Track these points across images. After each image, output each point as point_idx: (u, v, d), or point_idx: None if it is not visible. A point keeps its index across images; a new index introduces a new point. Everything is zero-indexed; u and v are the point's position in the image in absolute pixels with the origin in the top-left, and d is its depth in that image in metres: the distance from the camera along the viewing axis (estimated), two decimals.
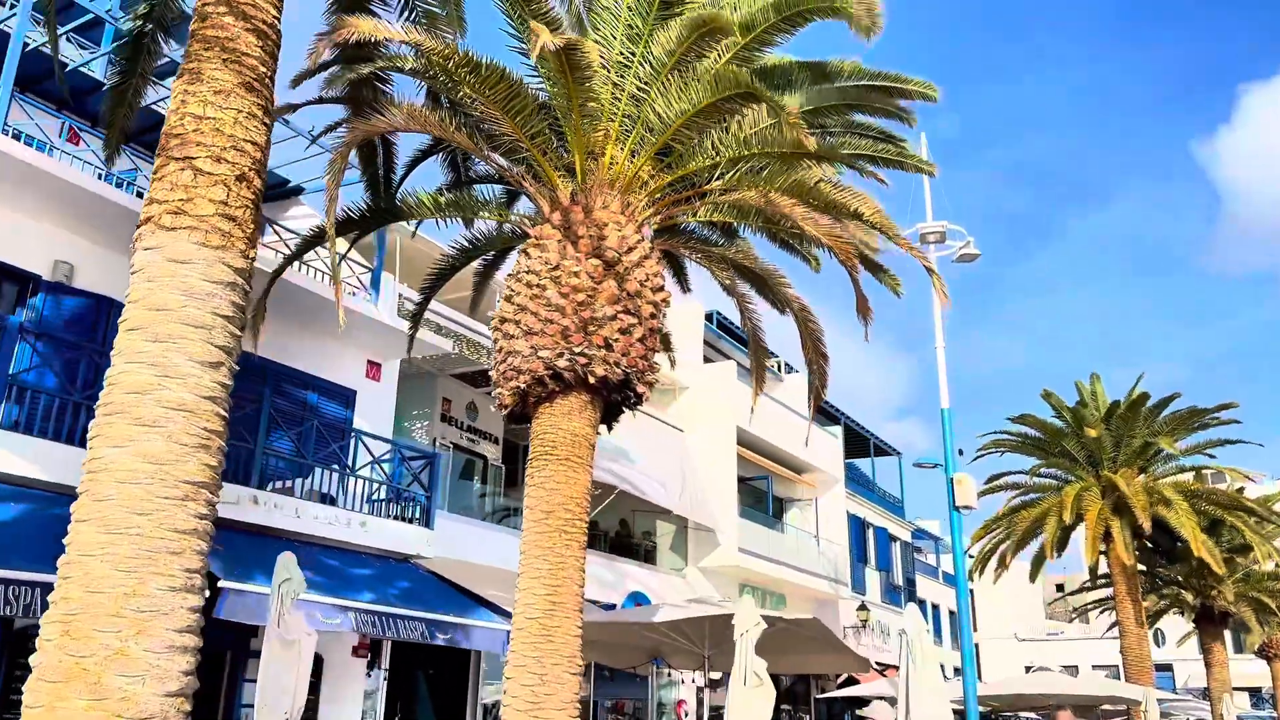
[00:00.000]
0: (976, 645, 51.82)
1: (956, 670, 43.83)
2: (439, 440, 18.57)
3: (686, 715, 18.31)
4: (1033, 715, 27.02)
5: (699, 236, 10.16)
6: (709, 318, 25.75)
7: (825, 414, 30.29)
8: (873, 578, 31.45)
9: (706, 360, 24.15)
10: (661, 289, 8.73)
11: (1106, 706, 23.72)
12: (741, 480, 25.01)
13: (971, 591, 52.77)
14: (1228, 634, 33.32)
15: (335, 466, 13.22)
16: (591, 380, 8.01)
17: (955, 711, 19.98)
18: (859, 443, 34.14)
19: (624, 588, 19.91)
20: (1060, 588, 57.20)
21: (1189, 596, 25.54)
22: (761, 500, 25.19)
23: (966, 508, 15.85)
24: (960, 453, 16.26)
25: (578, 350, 7.97)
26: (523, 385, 8.11)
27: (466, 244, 10.23)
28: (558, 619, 7.64)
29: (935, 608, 43.27)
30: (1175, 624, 39.09)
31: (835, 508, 28.22)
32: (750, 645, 9.79)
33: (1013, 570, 44.02)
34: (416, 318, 10.98)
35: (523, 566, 7.87)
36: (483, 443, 19.96)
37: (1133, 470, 23.16)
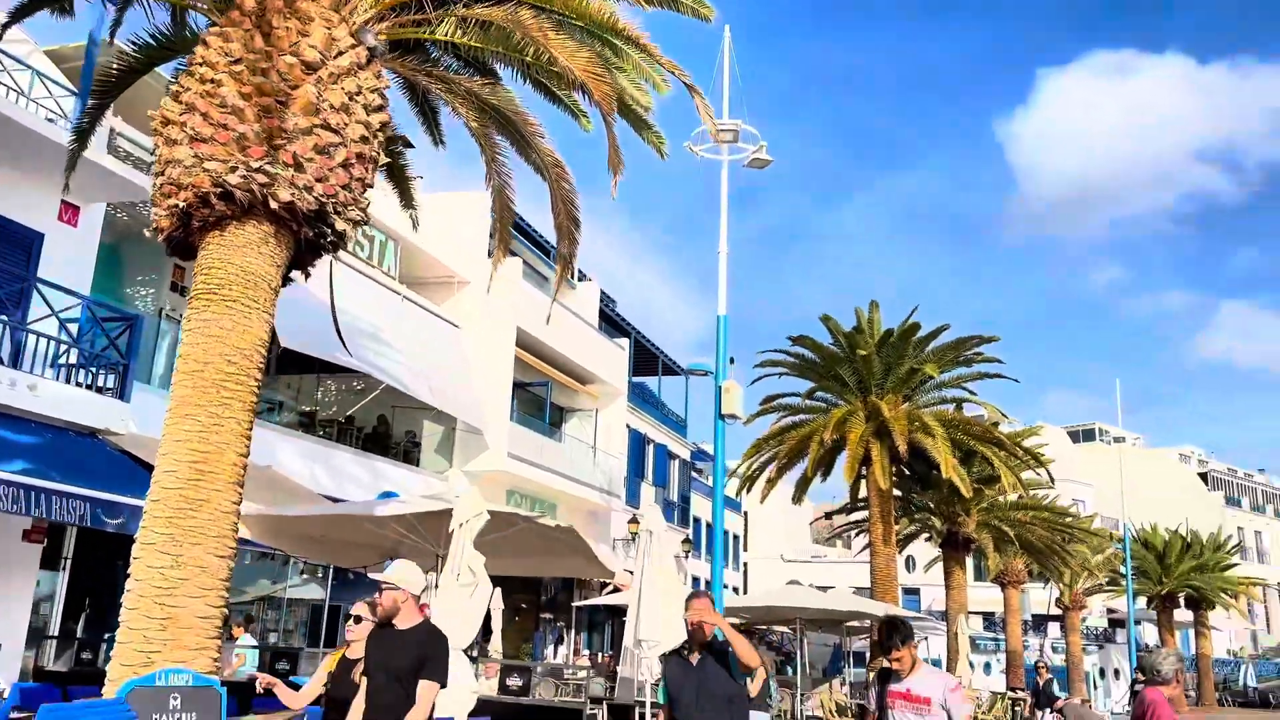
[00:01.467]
0: (745, 564, 53.90)
1: (736, 590, 45.24)
2: (167, 310, 16.33)
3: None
4: (785, 629, 27.92)
5: (446, 66, 8.68)
6: None
7: (615, 326, 29.61)
8: (648, 493, 31.37)
9: (491, 256, 22.67)
10: (381, 110, 7.27)
11: (853, 623, 24.69)
12: (520, 385, 23.94)
13: (745, 514, 54.87)
14: (970, 562, 35.79)
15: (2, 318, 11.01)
16: (274, 206, 6.50)
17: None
18: (648, 360, 33.81)
19: (378, 488, 18.50)
20: (830, 516, 60.44)
21: (937, 522, 26.83)
22: (540, 407, 24.23)
23: (732, 417, 15.43)
24: (732, 361, 15.79)
25: (256, 166, 6.43)
26: (184, 204, 6.50)
27: (151, 39, 8.30)
28: (205, 491, 6.22)
29: (710, 527, 44.31)
30: (926, 551, 41.80)
31: (616, 420, 27.73)
32: (468, 538, 8.73)
33: (785, 495, 45.56)
34: (84, 134, 8.97)
35: (167, 427, 6.38)
36: None
37: (898, 397, 23.76)
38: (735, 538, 48.83)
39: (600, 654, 25.29)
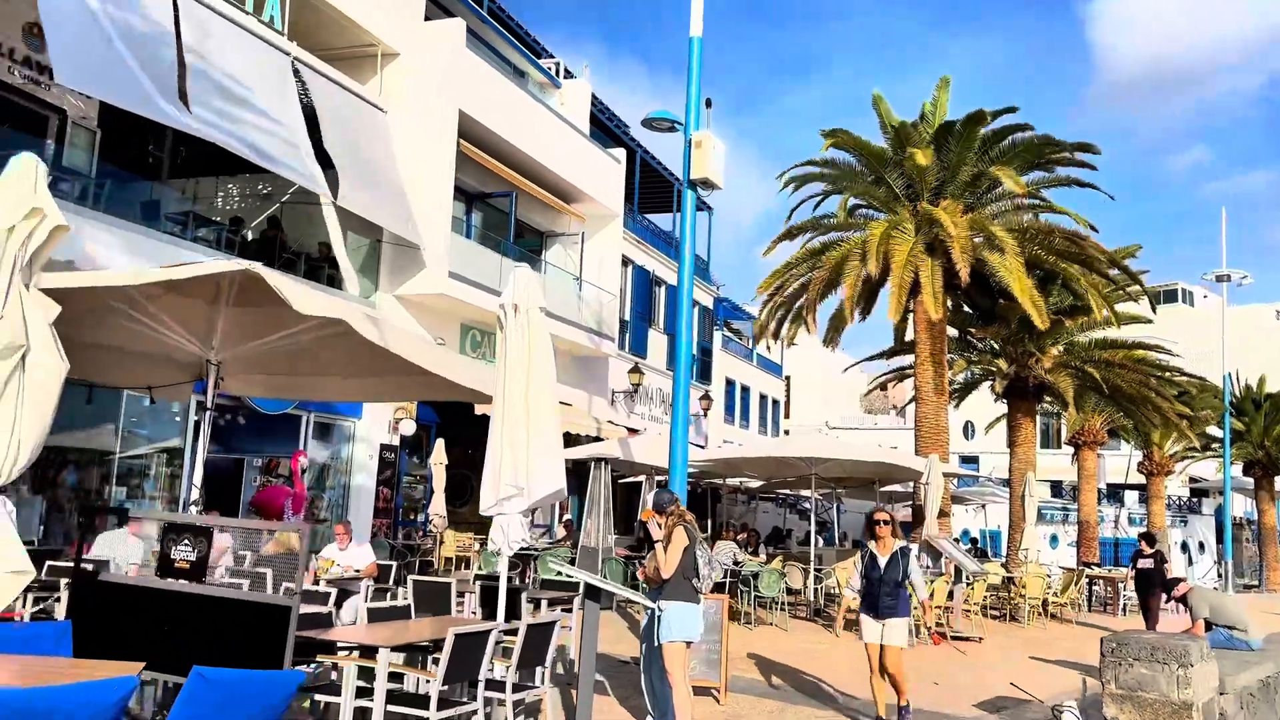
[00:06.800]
0: (787, 432, 49.62)
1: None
2: None
3: (305, 470, 13.18)
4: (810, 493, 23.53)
5: None
6: None
7: (605, 131, 24.51)
8: (659, 341, 26.89)
9: (429, 20, 17.69)
10: None
11: (896, 487, 20.26)
12: (476, 195, 19.33)
13: (788, 379, 50.30)
14: (1038, 422, 30.91)
15: None
16: None
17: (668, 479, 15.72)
18: (660, 189, 28.72)
19: None
20: (884, 387, 55.68)
21: (1003, 364, 21.83)
22: (502, 223, 19.58)
23: (708, 184, 10.62)
24: (709, 104, 10.84)
25: None
26: None
27: None
28: None
29: (746, 390, 39.90)
30: (985, 413, 36.93)
31: (609, 249, 22.99)
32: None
33: (832, 361, 40.30)
34: None
35: None
36: (60, 88, 13.36)
37: (958, 205, 18.62)
38: (775, 403, 44.30)
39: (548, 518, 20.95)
